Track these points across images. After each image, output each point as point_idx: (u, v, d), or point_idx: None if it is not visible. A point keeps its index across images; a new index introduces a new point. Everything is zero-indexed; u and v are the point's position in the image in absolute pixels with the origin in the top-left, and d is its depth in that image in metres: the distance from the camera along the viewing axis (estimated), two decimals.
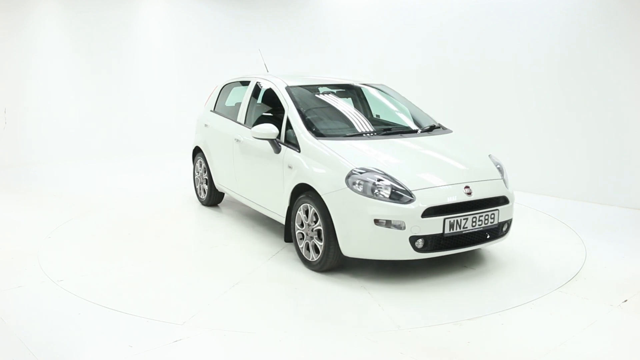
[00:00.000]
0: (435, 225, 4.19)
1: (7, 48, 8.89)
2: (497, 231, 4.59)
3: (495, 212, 4.46)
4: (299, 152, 4.81)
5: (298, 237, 4.78)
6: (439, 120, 5.71)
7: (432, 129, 5.35)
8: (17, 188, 7.64)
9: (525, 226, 5.99)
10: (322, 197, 4.42)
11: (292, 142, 4.95)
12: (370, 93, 5.98)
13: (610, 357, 3.35)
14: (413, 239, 4.18)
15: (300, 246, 4.76)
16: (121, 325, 3.67)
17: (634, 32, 6.53)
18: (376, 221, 4.18)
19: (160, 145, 10.50)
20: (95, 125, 9.93)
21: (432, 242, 4.24)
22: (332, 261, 4.48)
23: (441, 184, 4.37)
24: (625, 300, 4.09)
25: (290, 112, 5.13)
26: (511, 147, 7.78)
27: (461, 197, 4.31)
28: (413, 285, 4.36)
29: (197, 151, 6.83)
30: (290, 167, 4.87)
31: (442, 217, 4.20)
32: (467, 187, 4.38)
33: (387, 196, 4.20)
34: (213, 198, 6.61)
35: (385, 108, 5.85)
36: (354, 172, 4.33)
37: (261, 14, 10.72)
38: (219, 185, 6.33)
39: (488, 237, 4.54)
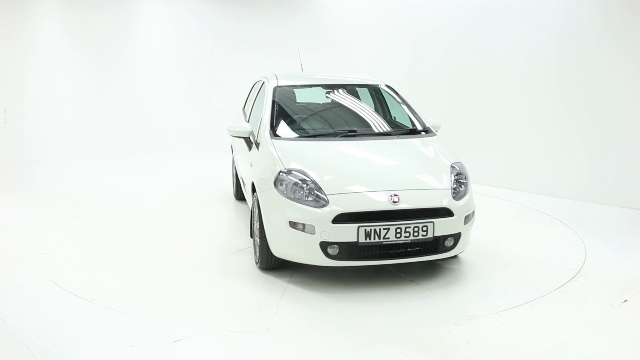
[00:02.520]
0: (348, 233, 3.99)
1: (7, 48, 8.88)
2: (435, 246, 4.23)
3: (429, 225, 4.10)
4: (258, 150, 4.88)
5: (254, 234, 4.81)
6: (436, 120, 5.52)
7: (413, 132, 5.18)
8: (17, 188, 7.64)
9: (525, 226, 6.00)
10: (258, 195, 4.48)
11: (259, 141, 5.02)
12: (369, 93, 5.91)
13: (610, 357, 3.35)
14: (324, 245, 4.04)
15: (255, 243, 4.80)
16: (121, 325, 3.68)
17: (633, 32, 6.53)
18: (292, 223, 4.12)
19: (161, 145, 10.49)
20: (95, 125, 9.92)
21: (346, 250, 4.06)
22: (268, 260, 4.45)
23: (365, 190, 4.15)
24: (625, 300, 4.09)
25: (265, 111, 5.19)
26: (511, 147, 7.78)
27: (384, 206, 4.06)
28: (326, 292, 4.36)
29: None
30: (251, 164, 4.95)
31: (356, 225, 3.99)
32: (394, 195, 4.11)
33: (305, 199, 4.12)
34: (240, 192, 6.69)
35: (377, 108, 5.78)
36: (281, 172, 4.31)
37: (261, 13, 10.72)
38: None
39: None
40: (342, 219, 4.02)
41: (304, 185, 4.18)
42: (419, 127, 5.25)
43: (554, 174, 7.36)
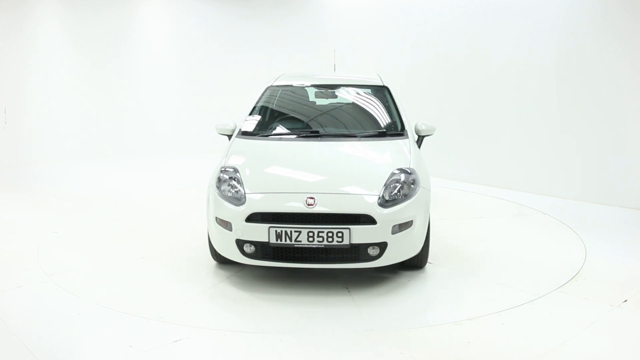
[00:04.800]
0: (259, 232, 4.00)
1: (7, 48, 8.89)
2: (356, 254, 4.02)
3: (345, 231, 3.93)
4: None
5: None
6: (431, 123, 5.31)
7: (383, 134, 4.97)
8: (17, 188, 7.64)
9: (525, 226, 6.00)
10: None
11: None
12: (364, 93, 5.78)
13: (610, 357, 3.35)
14: (240, 243, 4.10)
15: None
16: (121, 325, 3.68)
17: (633, 32, 6.53)
18: (217, 219, 4.22)
19: (161, 145, 10.50)
20: (95, 125, 9.93)
21: (260, 249, 4.08)
22: (215, 253, 4.55)
23: (284, 191, 4.15)
24: (625, 300, 4.09)
25: (249, 109, 5.37)
26: (511, 147, 7.79)
27: (297, 208, 3.99)
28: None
29: None
30: None
31: (267, 225, 3.98)
32: (310, 197, 4.01)
33: (230, 196, 4.21)
34: None
35: (367, 109, 5.62)
36: (222, 170, 4.44)
37: (261, 13, 10.72)
38: None
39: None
40: (255, 218, 4.03)
41: (234, 183, 4.27)
42: (395, 129, 5.06)
43: (554, 174, 7.36)
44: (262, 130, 5.15)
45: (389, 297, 4.14)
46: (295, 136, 4.98)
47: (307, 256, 4.04)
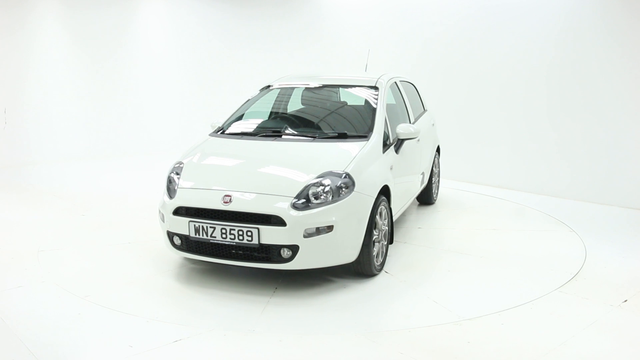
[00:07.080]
0: (182, 226, 4.21)
1: (7, 47, 8.88)
2: (267, 254, 4.03)
3: (254, 231, 3.97)
4: None
5: None
6: (416, 127, 5.15)
7: (343, 135, 4.79)
8: (17, 188, 7.64)
9: (525, 226, 6.00)
10: None
11: None
12: (350, 93, 5.73)
13: (610, 357, 3.35)
14: (170, 235, 4.34)
15: None
16: (121, 325, 3.68)
17: (632, 31, 6.54)
18: (159, 211, 4.50)
19: (162, 145, 10.49)
20: (95, 125, 9.93)
21: (184, 242, 4.27)
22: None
23: (207, 188, 4.27)
24: (625, 300, 4.09)
25: None
26: (512, 147, 7.79)
27: (214, 205, 4.10)
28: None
29: None
30: None
31: (187, 219, 4.17)
32: (227, 195, 4.11)
33: (170, 190, 4.45)
34: None
35: (336, 110, 5.54)
36: (174, 165, 4.71)
37: (262, 12, 10.73)
38: None
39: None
40: (181, 212, 4.24)
41: (175, 178, 4.50)
42: (361, 131, 4.88)
43: (554, 174, 7.36)
44: (233, 129, 5.26)
45: (309, 301, 4.05)
46: (256, 136, 5.03)
47: (222, 252, 4.16)
